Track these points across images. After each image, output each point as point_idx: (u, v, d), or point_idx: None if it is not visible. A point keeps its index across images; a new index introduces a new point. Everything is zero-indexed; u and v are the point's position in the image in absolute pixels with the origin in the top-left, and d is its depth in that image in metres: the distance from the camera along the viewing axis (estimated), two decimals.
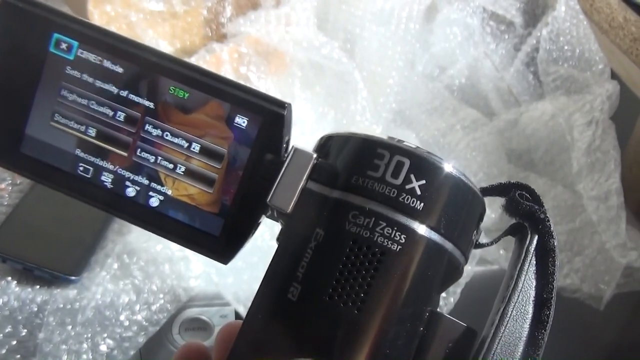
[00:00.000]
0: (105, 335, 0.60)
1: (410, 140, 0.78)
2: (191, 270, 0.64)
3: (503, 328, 0.27)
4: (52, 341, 0.58)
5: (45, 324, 0.59)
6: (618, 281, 0.72)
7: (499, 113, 0.86)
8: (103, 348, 0.60)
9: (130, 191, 0.31)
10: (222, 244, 0.31)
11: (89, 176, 0.31)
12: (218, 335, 0.33)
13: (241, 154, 0.30)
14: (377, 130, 0.78)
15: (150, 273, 0.63)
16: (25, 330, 0.59)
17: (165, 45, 0.78)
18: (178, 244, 0.31)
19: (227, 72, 0.74)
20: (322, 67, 0.78)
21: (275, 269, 0.28)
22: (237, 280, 0.64)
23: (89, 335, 0.59)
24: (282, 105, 0.30)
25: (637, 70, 0.83)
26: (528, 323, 0.28)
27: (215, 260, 0.31)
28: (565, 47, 0.83)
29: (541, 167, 0.83)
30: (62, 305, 0.60)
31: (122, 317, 0.61)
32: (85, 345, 0.59)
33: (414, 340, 0.27)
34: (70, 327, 0.59)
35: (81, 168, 0.31)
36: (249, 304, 0.27)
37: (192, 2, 0.79)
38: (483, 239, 0.31)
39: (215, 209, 0.31)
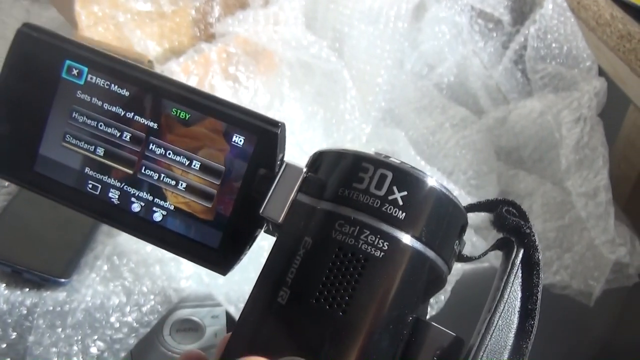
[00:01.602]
0: (96, 337, 0.60)
1: (400, 139, 0.78)
2: (182, 271, 0.64)
3: (489, 337, 0.29)
4: (42, 344, 0.58)
5: (35, 326, 0.58)
6: (607, 277, 0.73)
7: (488, 111, 0.86)
8: (93, 350, 0.59)
9: (136, 207, 0.33)
10: (220, 256, 0.33)
11: (97, 193, 0.33)
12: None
13: (238, 170, 0.32)
14: (366, 129, 0.79)
15: (140, 274, 0.63)
16: (15, 334, 0.59)
17: (153, 46, 0.78)
18: (179, 256, 0.33)
19: (215, 72, 0.74)
20: (311, 67, 0.78)
21: (266, 275, 0.30)
22: (228, 281, 0.64)
23: (79, 337, 0.59)
24: (277, 125, 0.32)
25: (624, 67, 0.84)
26: (513, 332, 0.29)
27: (214, 271, 0.33)
28: (553, 45, 0.83)
29: (530, 165, 0.84)
30: (51, 308, 0.59)
31: (112, 319, 0.61)
32: (75, 348, 0.59)
33: (397, 343, 0.28)
34: (60, 329, 0.59)
35: (90, 185, 0.33)
36: (240, 305, 0.28)
37: (180, 2, 0.78)
38: (473, 249, 0.32)
39: (214, 223, 0.33)
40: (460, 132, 0.81)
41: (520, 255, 0.31)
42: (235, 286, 0.64)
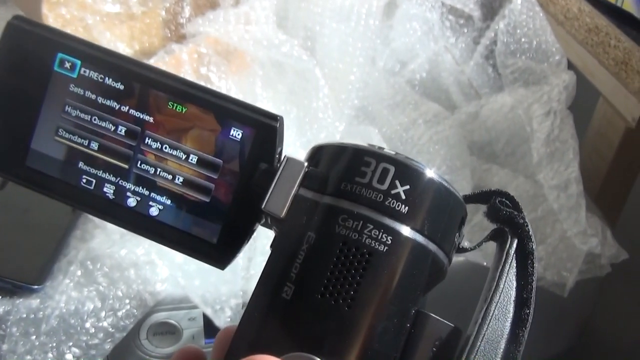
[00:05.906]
0: (71, 343, 0.59)
1: (373, 135, 0.78)
2: (157, 274, 0.64)
3: (486, 326, 0.29)
4: (16, 352, 0.57)
5: (8, 335, 0.58)
6: (580, 268, 0.74)
7: (460, 106, 0.87)
8: (69, 357, 0.59)
9: (131, 201, 0.33)
10: (219, 250, 0.32)
11: (91, 188, 0.33)
12: (216, 339, 0.34)
13: (236, 164, 0.32)
14: (339, 127, 0.79)
15: (115, 279, 0.62)
16: None
17: (123, 48, 0.77)
18: (177, 251, 0.33)
19: (187, 72, 0.74)
20: (283, 66, 0.78)
21: (270, 271, 0.30)
22: (204, 282, 0.63)
23: (54, 344, 0.59)
24: (275, 118, 0.32)
25: (592, 60, 0.85)
26: (509, 322, 0.30)
27: (213, 266, 0.33)
28: (523, 40, 0.84)
29: (503, 159, 0.85)
30: (25, 315, 0.59)
31: (87, 325, 0.60)
32: (50, 355, 0.58)
33: (401, 336, 0.29)
34: (34, 337, 0.58)
35: (84, 180, 0.33)
36: (217, 306, 0.28)
37: (150, 3, 0.78)
38: (465, 242, 0.33)
39: (212, 217, 0.32)
40: (433, 128, 0.82)
41: (515, 245, 0.31)
42: (212, 288, 0.63)
